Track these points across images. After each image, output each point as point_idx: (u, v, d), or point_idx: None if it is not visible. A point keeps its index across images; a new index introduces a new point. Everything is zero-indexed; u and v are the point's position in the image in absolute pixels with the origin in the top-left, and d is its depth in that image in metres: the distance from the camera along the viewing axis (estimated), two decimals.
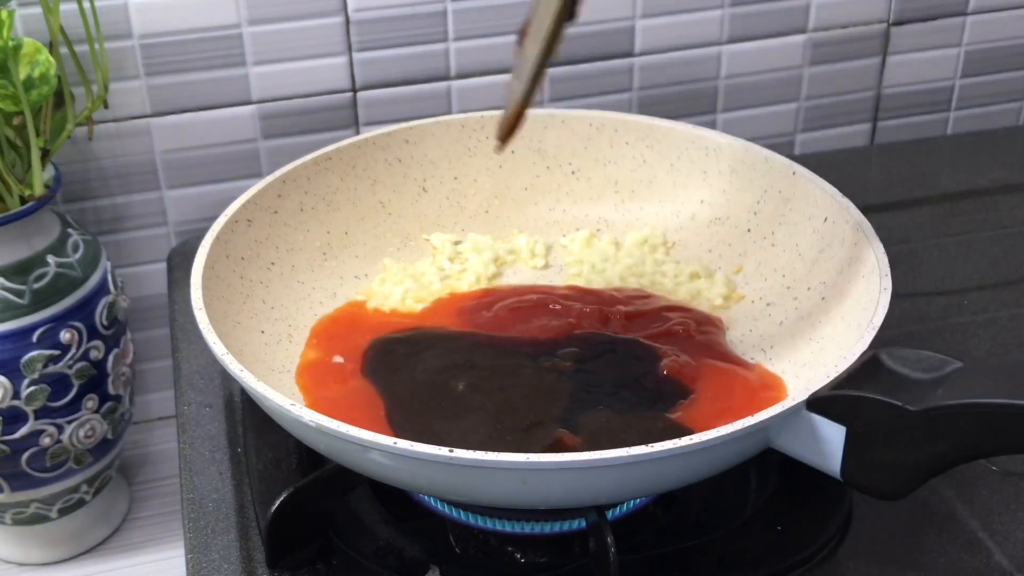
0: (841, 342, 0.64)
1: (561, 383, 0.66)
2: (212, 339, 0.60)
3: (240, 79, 0.87)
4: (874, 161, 1.01)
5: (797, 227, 0.73)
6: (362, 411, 0.65)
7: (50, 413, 0.77)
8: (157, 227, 0.91)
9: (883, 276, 0.63)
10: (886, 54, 1.01)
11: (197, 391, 0.74)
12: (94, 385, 0.79)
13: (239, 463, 0.68)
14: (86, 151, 0.87)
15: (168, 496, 0.92)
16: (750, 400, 0.64)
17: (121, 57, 0.85)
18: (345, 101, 0.90)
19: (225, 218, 0.70)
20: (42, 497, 0.81)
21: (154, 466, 0.95)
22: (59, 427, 0.78)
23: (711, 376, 0.66)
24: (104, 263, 0.81)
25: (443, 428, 0.63)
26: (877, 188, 0.96)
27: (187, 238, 0.90)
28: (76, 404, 0.79)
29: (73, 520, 0.85)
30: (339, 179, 0.78)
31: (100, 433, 0.81)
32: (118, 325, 0.81)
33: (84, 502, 0.84)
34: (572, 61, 0.93)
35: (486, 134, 0.81)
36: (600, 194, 0.82)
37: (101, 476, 0.84)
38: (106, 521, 0.88)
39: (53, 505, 0.83)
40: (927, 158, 1.01)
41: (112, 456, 0.84)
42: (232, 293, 0.68)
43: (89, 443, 0.81)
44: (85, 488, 0.83)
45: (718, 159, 0.78)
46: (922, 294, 0.80)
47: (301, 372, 0.68)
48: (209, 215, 0.88)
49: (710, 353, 0.68)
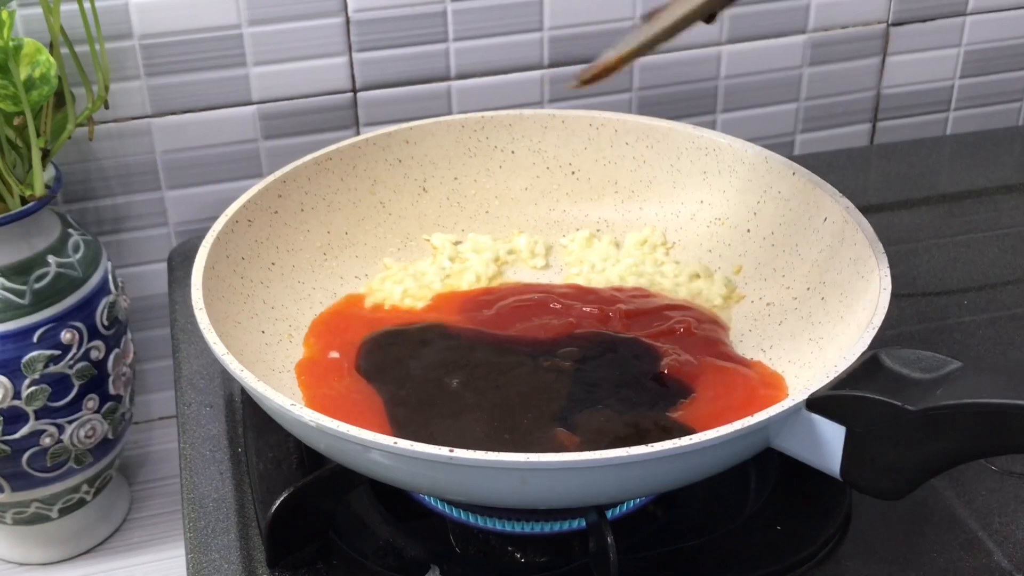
0: (841, 342, 0.64)
1: (560, 382, 0.66)
2: (212, 339, 0.60)
3: (240, 79, 0.87)
4: (874, 161, 1.01)
5: (797, 227, 0.73)
6: (361, 409, 0.64)
7: (51, 413, 0.77)
8: (158, 227, 0.91)
9: (883, 276, 0.63)
10: (886, 54, 1.01)
11: (198, 391, 0.74)
12: (95, 385, 0.79)
13: (239, 463, 0.68)
14: (87, 151, 0.87)
15: (168, 496, 0.92)
16: (750, 399, 0.64)
17: (122, 57, 0.85)
18: (345, 101, 0.90)
19: (225, 218, 0.70)
20: (43, 497, 0.81)
21: (154, 466, 0.95)
22: (60, 427, 0.78)
23: (712, 375, 0.66)
24: (105, 263, 0.81)
25: (442, 426, 0.62)
26: (877, 188, 0.96)
27: (188, 238, 0.90)
28: (77, 404, 0.78)
29: (74, 520, 0.85)
30: (339, 179, 0.77)
31: (101, 433, 0.81)
32: (119, 325, 0.81)
33: (85, 502, 0.84)
34: (572, 61, 0.93)
35: (487, 134, 0.81)
36: (600, 194, 0.82)
37: (102, 476, 0.84)
38: (107, 521, 0.88)
39: (54, 505, 0.83)
40: (927, 158, 1.00)
41: (112, 456, 0.84)
42: (232, 293, 0.68)
43: (90, 443, 0.81)
44: (86, 488, 0.83)
45: (718, 159, 0.78)
46: (922, 294, 0.80)
47: (300, 369, 0.68)
48: (209, 215, 0.88)
49: (711, 351, 0.68)
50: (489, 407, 0.63)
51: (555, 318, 0.71)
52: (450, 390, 0.65)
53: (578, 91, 0.93)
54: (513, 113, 0.81)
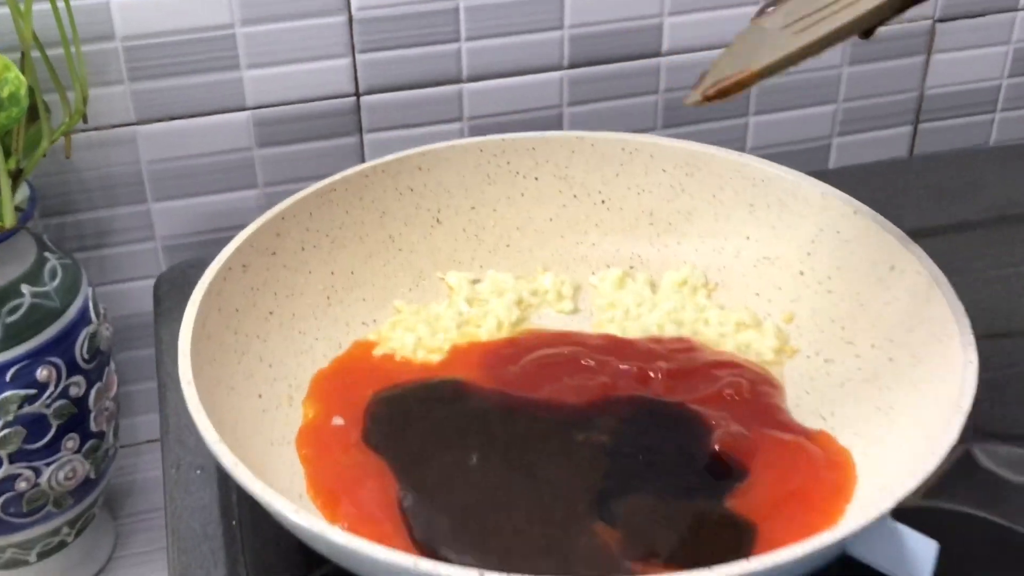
0: (917, 418, 0.57)
1: (597, 459, 0.59)
2: (203, 423, 0.54)
3: (234, 83, 0.84)
4: (915, 173, 0.95)
5: (858, 273, 0.67)
6: (370, 488, 0.59)
7: (26, 456, 0.74)
8: (143, 242, 0.88)
9: (967, 346, 0.56)
10: (931, 52, 0.98)
11: (186, 449, 0.68)
12: (75, 424, 0.76)
13: (233, 540, 0.62)
14: (65, 162, 0.83)
15: (155, 531, 0.88)
16: (815, 482, 0.57)
17: (103, 60, 0.81)
18: (348, 106, 0.87)
19: (217, 265, 0.65)
20: (19, 542, 0.78)
21: (141, 496, 0.93)
22: (36, 470, 0.75)
23: (769, 451, 0.60)
24: (85, 290, 0.77)
25: (463, 519, 0.56)
26: (919, 206, 0.89)
27: (176, 261, 0.87)
28: (55, 445, 0.75)
29: (54, 563, 0.82)
30: (344, 212, 0.73)
31: (82, 474, 0.78)
32: (100, 356, 0.78)
33: (65, 544, 0.81)
34: (594, 62, 0.90)
35: (507, 159, 0.76)
36: (633, 226, 0.77)
37: (84, 516, 0.82)
38: (90, 561, 0.86)
39: (32, 549, 0.79)
40: (971, 169, 0.95)
41: (95, 495, 0.82)
42: (225, 353, 0.63)
43: (70, 485, 0.78)
44: (66, 530, 0.81)
45: (766, 191, 0.73)
46: (986, 335, 0.73)
47: (301, 440, 0.63)
48: (199, 229, 0.88)
49: (767, 421, 0.62)
50: (519, 494, 0.57)
51: (588, 378, 0.65)
52: (470, 467, 0.59)
53: (600, 91, 0.89)
54: (536, 136, 0.77)
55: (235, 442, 0.55)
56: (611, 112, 0.91)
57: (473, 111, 0.89)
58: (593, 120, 0.91)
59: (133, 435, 0.95)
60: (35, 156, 0.73)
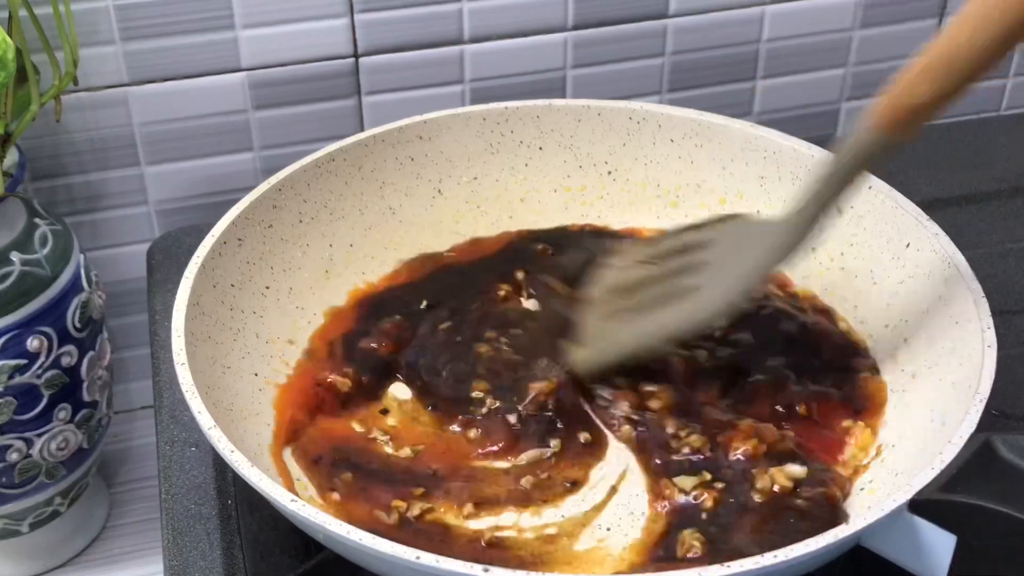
0: (931, 400, 0.56)
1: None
2: (198, 407, 0.53)
3: (228, 43, 0.83)
4: (926, 141, 0.92)
5: (872, 250, 0.66)
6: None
7: (17, 427, 0.73)
8: (136, 206, 0.87)
9: (985, 330, 0.55)
10: (943, 15, 0.96)
11: (181, 426, 0.67)
12: (67, 394, 0.75)
13: (228, 519, 0.61)
14: (55, 124, 0.82)
15: (151, 500, 0.88)
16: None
17: (93, 20, 0.80)
18: (346, 68, 0.86)
19: (212, 239, 0.63)
20: (11, 513, 0.77)
21: (135, 464, 0.92)
22: (28, 441, 0.74)
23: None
24: (77, 256, 0.76)
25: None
26: (930, 176, 0.87)
27: (169, 226, 0.86)
28: (47, 415, 0.74)
29: (47, 533, 0.81)
30: (343, 183, 0.71)
31: (74, 444, 0.77)
32: (93, 325, 0.77)
33: (59, 514, 0.81)
34: (599, 23, 0.88)
35: (511, 127, 0.75)
36: (639, 198, 0.76)
37: (77, 486, 0.81)
38: (83, 531, 0.85)
39: (24, 520, 0.79)
40: (981, 138, 0.93)
41: (88, 465, 0.80)
42: (221, 331, 0.62)
43: (62, 455, 0.77)
44: (59, 500, 0.80)
45: (778, 163, 0.71)
46: (1001, 312, 0.71)
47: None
48: (193, 193, 0.87)
49: None
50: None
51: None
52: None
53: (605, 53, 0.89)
54: (541, 103, 0.76)
55: (230, 424, 0.54)
56: (616, 75, 0.89)
57: (475, 73, 0.88)
58: (597, 83, 0.90)
59: (127, 401, 0.94)
60: (24, 120, 0.72)
